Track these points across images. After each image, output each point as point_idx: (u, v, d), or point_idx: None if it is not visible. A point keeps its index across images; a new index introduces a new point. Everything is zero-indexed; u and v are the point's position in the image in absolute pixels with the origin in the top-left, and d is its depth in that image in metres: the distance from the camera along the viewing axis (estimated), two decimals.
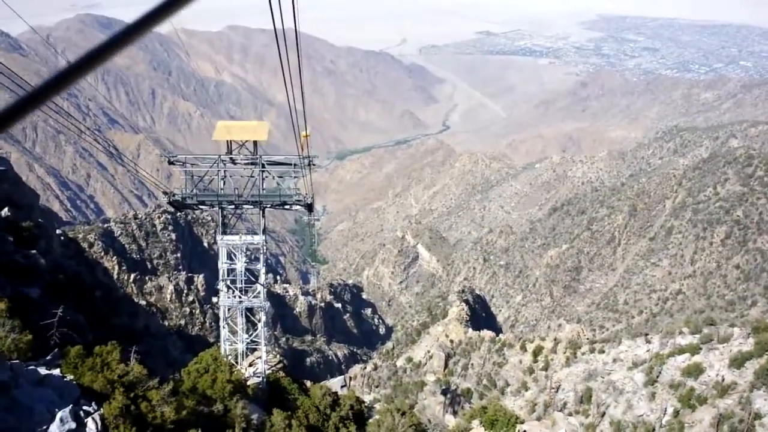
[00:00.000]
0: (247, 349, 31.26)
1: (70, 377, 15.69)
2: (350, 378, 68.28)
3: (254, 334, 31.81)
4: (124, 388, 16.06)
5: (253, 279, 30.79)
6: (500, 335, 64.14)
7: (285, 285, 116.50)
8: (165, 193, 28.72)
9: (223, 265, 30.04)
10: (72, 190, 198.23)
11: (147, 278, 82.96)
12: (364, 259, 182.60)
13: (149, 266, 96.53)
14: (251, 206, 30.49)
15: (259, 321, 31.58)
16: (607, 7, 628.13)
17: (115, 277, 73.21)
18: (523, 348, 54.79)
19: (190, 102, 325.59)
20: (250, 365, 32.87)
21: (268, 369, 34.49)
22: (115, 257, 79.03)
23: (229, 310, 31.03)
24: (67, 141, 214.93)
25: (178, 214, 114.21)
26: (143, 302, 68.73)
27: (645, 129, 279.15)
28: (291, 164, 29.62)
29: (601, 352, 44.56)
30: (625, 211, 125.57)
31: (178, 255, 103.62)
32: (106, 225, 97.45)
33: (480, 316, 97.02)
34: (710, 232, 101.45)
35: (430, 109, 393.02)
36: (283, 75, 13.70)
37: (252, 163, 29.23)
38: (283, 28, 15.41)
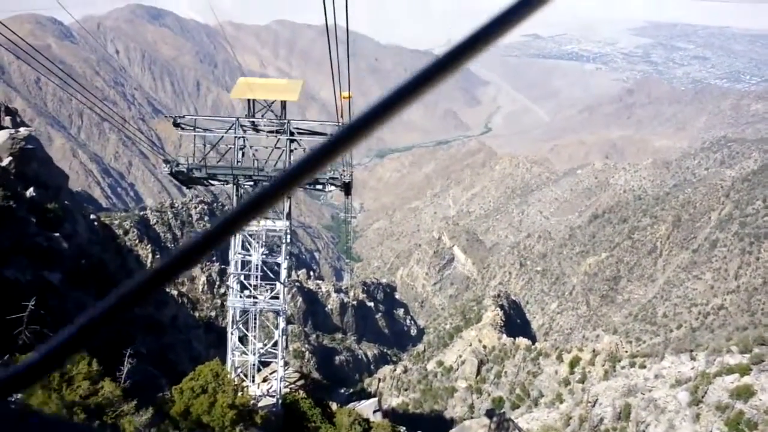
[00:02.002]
0: (260, 361, 26.24)
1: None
2: (379, 379, 67.11)
3: (270, 344, 27.00)
4: (87, 414, 12.55)
5: (272, 275, 25.97)
6: (536, 343, 62.44)
7: (318, 281, 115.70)
8: (166, 161, 24.52)
9: (235, 256, 25.34)
10: (113, 177, 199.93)
11: None
12: (399, 258, 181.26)
13: None
14: None
15: (277, 328, 26.70)
16: (658, 13, 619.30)
17: (148, 265, 72.82)
18: (560, 358, 53.06)
19: (233, 94, 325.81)
20: (264, 381, 27.95)
21: (286, 387, 29.32)
22: (149, 245, 78.68)
23: (240, 313, 26.08)
24: (111, 129, 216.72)
25: (214, 203, 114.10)
26: (175, 292, 68.25)
27: (691, 139, 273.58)
28: (326, 134, 23.97)
29: (642, 366, 42.72)
30: (669, 221, 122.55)
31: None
32: (142, 213, 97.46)
33: (515, 322, 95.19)
34: (757, 246, 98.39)
35: (472, 111, 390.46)
36: (331, 63, 12.49)
37: (277, 131, 24.73)
38: (335, 23, 14.27)
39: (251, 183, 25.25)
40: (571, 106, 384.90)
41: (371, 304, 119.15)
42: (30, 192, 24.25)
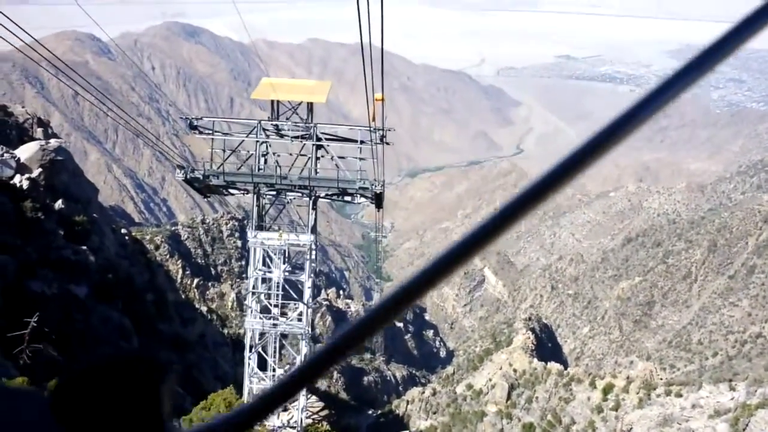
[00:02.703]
0: None
1: None
2: (408, 402, 66.17)
3: (292, 366, 25.47)
4: None
5: (295, 296, 23.83)
6: (568, 368, 61.14)
7: (347, 300, 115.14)
8: (180, 167, 22.46)
9: (254, 273, 23.59)
10: (147, 192, 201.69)
11: (210, 284, 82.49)
12: None
13: (213, 272, 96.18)
14: (298, 194, 23.54)
15: (299, 353, 24.60)
16: (693, 35, 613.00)
17: (178, 281, 72.85)
18: (593, 384, 51.77)
19: (267, 112, 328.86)
20: (284, 411, 25.68)
21: (308, 418, 27.45)
22: (179, 261, 78.79)
23: (260, 335, 24.09)
24: (145, 144, 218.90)
25: (245, 220, 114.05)
26: (204, 308, 68.04)
27: (727, 162, 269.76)
28: (356, 140, 22.63)
29: (679, 395, 41.42)
30: (704, 246, 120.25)
31: (243, 263, 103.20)
32: (173, 228, 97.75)
33: (546, 346, 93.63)
34: None
35: (504, 132, 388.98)
36: (363, 65, 11.89)
37: (303, 136, 22.76)
38: (370, 42, 13.77)
39: (273, 192, 23.56)
40: None
41: (400, 324, 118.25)
42: (59, 204, 24.00)
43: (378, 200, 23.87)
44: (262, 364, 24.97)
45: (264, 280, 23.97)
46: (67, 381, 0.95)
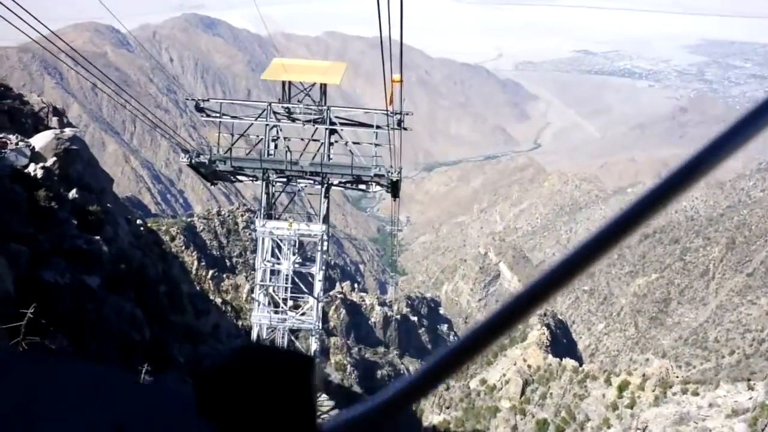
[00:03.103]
0: None
1: None
2: None
3: None
4: None
5: (305, 289, 23.25)
6: (583, 365, 60.76)
7: (362, 294, 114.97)
8: (186, 151, 22.01)
9: (263, 264, 22.78)
10: (163, 183, 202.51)
11: (225, 276, 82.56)
12: (444, 273, 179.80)
13: (228, 264, 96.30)
14: (310, 181, 22.39)
15: (309, 350, 23.83)
16: (714, 31, 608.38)
17: (193, 272, 72.89)
18: (608, 381, 51.38)
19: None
20: None
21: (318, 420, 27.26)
22: (195, 252, 78.87)
23: (268, 331, 23.50)
24: (162, 135, 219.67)
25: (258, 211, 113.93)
26: (219, 300, 68.09)
27: (746, 159, 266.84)
28: (372, 125, 21.40)
29: (695, 394, 40.97)
30: (723, 243, 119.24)
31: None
32: (189, 220, 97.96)
33: (561, 342, 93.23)
34: None
35: (522, 126, 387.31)
36: (381, 47, 11.66)
37: (315, 120, 21.57)
38: (390, 36, 13.49)
39: (284, 179, 22.40)
40: (623, 123, 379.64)
41: (415, 318, 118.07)
42: (72, 193, 23.92)
43: (394, 189, 22.49)
44: None
45: (273, 272, 23.08)
46: (216, 377, 0.93)
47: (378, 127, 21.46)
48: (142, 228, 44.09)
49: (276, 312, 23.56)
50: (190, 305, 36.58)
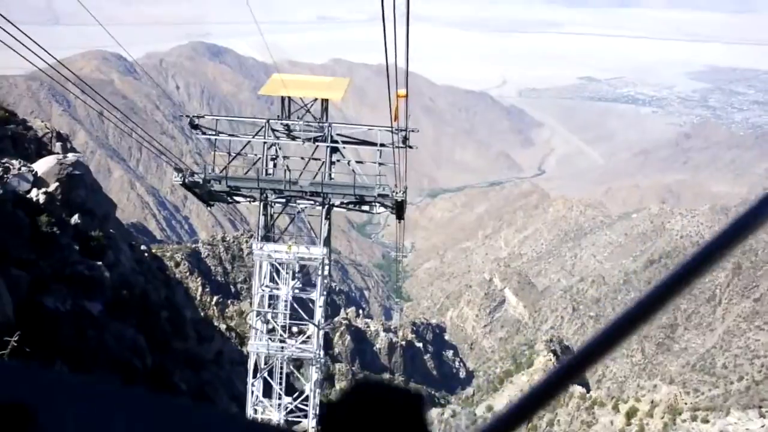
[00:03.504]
0: (286, 419, 21.76)
1: None
2: None
3: (300, 399, 22.21)
4: None
5: (305, 316, 21.46)
6: (590, 392, 60.18)
7: (367, 320, 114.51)
8: (178, 170, 20.45)
9: (260, 290, 21.34)
10: (169, 210, 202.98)
11: (229, 302, 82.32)
12: (449, 299, 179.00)
13: (233, 290, 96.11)
14: (311, 202, 21.28)
15: (309, 380, 22.29)
16: (717, 57, 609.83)
17: (198, 298, 72.74)
18: (616, 408, 50.82)
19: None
20: None
21: None
22: (199, 278, 78.82)
23: (266, 359, 21.82)
24: (168, 162, 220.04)
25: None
26: (223, 326, 67.80)
27: (751, 185, 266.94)
28: (375, 143, 20.52)
29: (705, 421, 40.46)
30: (728, 268, 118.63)
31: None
32: (194, 246, 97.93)
33: None
34: None
35: (526, 152, 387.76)
36: (386, 57, 11.52)
37: (316, 138, 20.67)
38: (396, 64, 13.35)
39: (283, 199, 21.22)
40: (626, 149, 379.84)
41: (420, 344, 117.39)
42: (75, 219, 23.80)
43: (399, 210, 21.37)
44: (269, 391, 22.85)
45: (273, 298, 21.97)
46: (339, 410, 0.98)
47: (382, 145, 20.50)
48: (146, 254, 43.99)
49: (274, 340, 22.18)
50: (194, 331, 36.34)
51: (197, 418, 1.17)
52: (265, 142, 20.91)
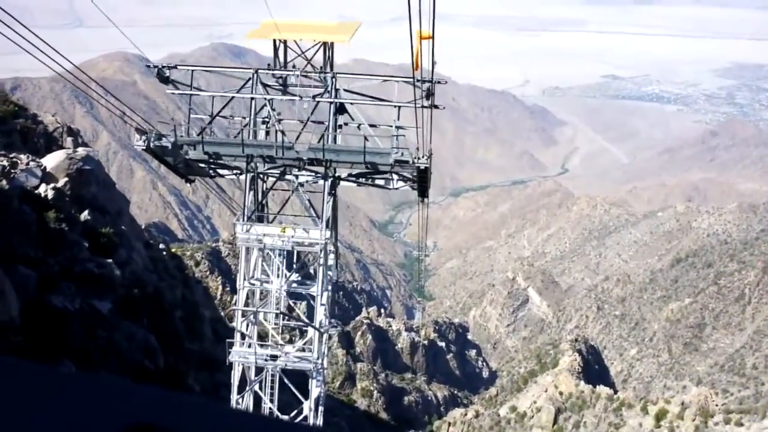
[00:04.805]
0: None
1: None
2: (449, 423, 64.32)
3: (299, 418, 18.06)
4: None
5: (303, 317, 18.50)
6: (618, 393, 58.79)
7: (389, 319, 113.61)
8: (140, 131, 16.64)
9: (245, 283, 17.78)
10: (190, 209, 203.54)
11: None
12: (472, 298, 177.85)
13: None
14: (310, 173, 17.29)
15: (308, 397, 18.44)
16: (743, 54, 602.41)
17: (218, 298, 72.18)
18: (645, 410, 49.47)
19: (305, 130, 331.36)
20: None
21: None
22: (219, 277, 78.19)
23: (257, 371, 18.32)
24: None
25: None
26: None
27: None
28: (391, 102, 16.87)
29: (739, 424, 39.08)
30: (758, 267, 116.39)
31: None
32: (215, 245, 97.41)
33: (593, 368, 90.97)
34: None
35: (549, 151, 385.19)
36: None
37: (317, 96, 16.64)
38: (415, 62, 12.13)
39: (276, 171, 17.29)
40: (651, 147, 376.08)
41: (442, 344, 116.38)
42: (85, 215, 23.06)
43: (422, 182, 17.41)
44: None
45: (262, 296, 18.47)
46: None
47: (398, 107, 16.65)
48: (164, 253, 43.40)
49: (264, 347, 18.36)
50: (211, 331, 35.62)
51: None
52: (253, 98, 17.04)
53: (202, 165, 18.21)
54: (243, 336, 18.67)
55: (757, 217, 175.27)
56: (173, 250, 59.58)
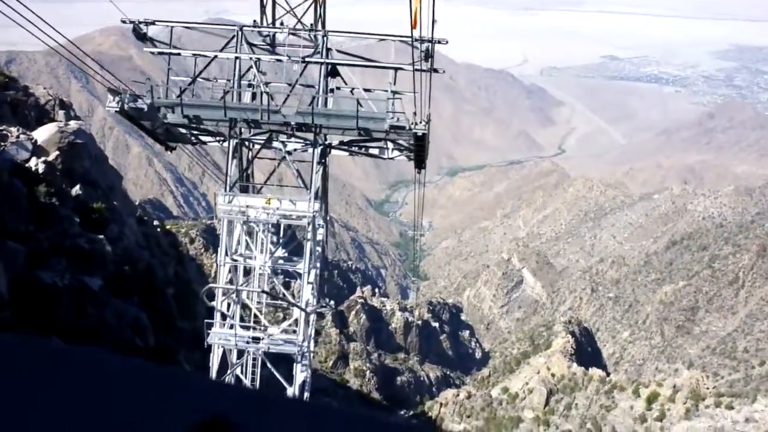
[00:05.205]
0: None
1: None
2: (441, 404, 64.47)
3: None
4: None
5: (286, 297, 17.19)
6: (610, 375, 58.90)
7: (383, 299, 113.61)
8: (114, 92, 15.04)
9: (226, 258, 16.56)
10: (186, 186, 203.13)
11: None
12: (466, 278, 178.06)
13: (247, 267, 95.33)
14: (299, 141, 16.17)
15: (293, 382, 17.37)
16: (743, 36, 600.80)
17: (212, 276, 72.05)
18: (636, 392, 49.55)
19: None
20: None
21: None
22: (214, 255, 78.02)
23: (238, 354, 17.17)
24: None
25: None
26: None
27: None
28: (389, 65, 15.47)
29: (730, 407, 39.12)
30: (753, 251, 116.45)
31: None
32: (210, 222, 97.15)
33: (585, 350, 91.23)
34: None
35: (546, 131, 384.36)
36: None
37: (306, 58, 15.31)
38: (420, 20, 11.66)
39: (263, 135, 16.11)
40: (648, 129, 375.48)
41: (436, 324, 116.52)
42: (76, 190, 22.74)
43: (419, 150, 16.07)
44: None
45: (246, 273, 17.18)
46: None
47: (396, 69, 15.39)
48: (158, 229, 43.10)
49: (247, 328, 16.89)
50: (205, 309, 35.39)
51: None
52: (237, 58, 15.65)
53: (183, 131, 17.12)
54: (224, 316, 17.35)
55: (753, 201, 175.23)
56: (168, 227, 59.37)
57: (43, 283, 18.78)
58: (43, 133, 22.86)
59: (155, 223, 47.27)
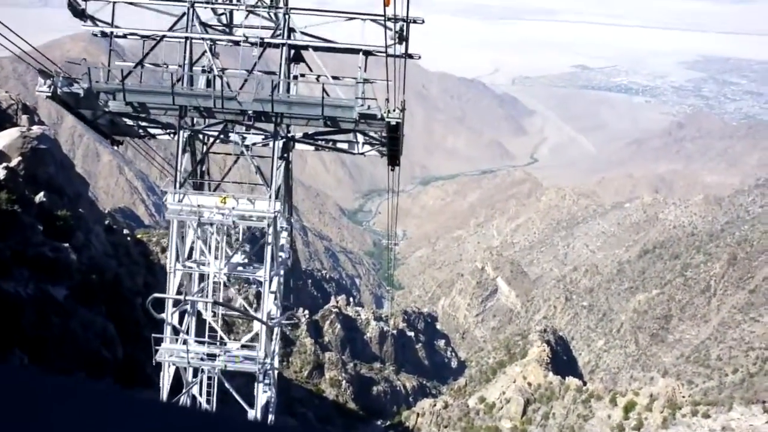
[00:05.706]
0: None
1: None
2: (418, 414, 63.75)
3: None
4: None
5: (245, 308, 15.26)
6: (587, 384, 58.52)
7: (357, 308, 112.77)
8: (45, 75, 13.22)
9: (177, 265, 14.89)
10: (158, 195, 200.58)
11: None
12: (441, 288, 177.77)
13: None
14: (259, 132, 14.55)
15: (253, 404, 15.72)
16: (710, 47, 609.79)
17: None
18: (613, 401, 49.20)
19: None
20: None
21: None
22: None
23: (194, 372, 15.31)
24: (157, 146, 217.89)
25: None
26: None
27: (744, 175, 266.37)
28: (359, 46, 14.03)
29: (707, 416, 38.84)
30: (724, 259, 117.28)
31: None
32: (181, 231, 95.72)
33: (561, 359, 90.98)
34: None
35: (518, 141, 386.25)
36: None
37: (265, 41, 13.79)
38: (393, 52, 11.07)
39: (216, 126, 14.45)
40: (619, 138, 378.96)
41: (411, 333, 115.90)
42: (40, 197, 21.81)
43: (392, 143, 14.49)
44: None
45: (200, 280, 15.33)
46: None
47: (368, 53, 13.92)
48: (128, 238, 42.14)
49: (201, 343, 15.06)
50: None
51: None
52: (188, 38, 13.92)
53: (130, 123, 15.37)
54: (176, 330, 15.48)
55: (722, 210, 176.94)
56: (138, 235, 58.29)
57: (6, 293, 17.91)
58: (4, 138, 21.94)
59: (125, 231, 46.29)
